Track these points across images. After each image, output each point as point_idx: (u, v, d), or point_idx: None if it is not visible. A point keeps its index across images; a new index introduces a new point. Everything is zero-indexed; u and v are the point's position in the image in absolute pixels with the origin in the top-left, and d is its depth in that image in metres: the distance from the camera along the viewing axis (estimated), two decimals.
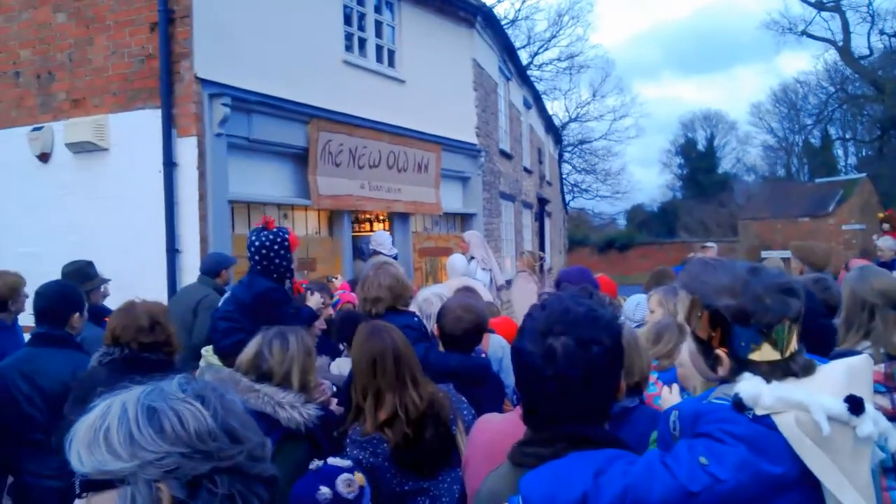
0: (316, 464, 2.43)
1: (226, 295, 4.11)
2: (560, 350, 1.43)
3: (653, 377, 3.37)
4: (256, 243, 3.94)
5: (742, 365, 1.46)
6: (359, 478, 2.35)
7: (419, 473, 2.59)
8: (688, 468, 1.31)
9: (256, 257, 3.94)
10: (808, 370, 1.45)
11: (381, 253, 7.50)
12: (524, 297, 9.22)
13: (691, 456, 1.33)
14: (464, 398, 2.94)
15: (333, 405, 3.16)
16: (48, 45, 7.40)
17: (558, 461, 1.38)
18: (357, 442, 2.60)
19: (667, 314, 4.09)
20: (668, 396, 2.56)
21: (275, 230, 4.01)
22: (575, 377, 1.42)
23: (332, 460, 2.42)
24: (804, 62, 76.05)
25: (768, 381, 1.40)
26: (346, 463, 2.39)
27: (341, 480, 2.30)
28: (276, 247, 3.94)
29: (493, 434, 2.01)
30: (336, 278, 6.11)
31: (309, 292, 4.38)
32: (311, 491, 2.29)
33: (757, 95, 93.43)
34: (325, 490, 2.27)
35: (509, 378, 3.81)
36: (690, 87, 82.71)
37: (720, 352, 1.48)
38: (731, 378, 1.47)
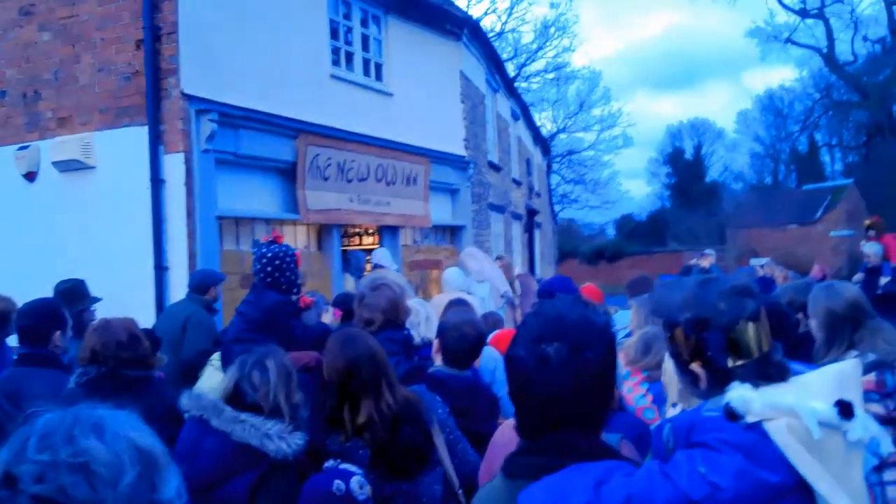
0: (332, 462, 2.48)
1: (232, 318, 4.09)
2: (553, 356, 1.41)
3: (642, 389, 3.36)
4: (269, 255, 3.95)
5: (719, 374, 1.49)
6: (367, 489, 2.40)
7: (398, 476, 2.59)
8: (688, 477, 1.30)
9: (268, 268, 3.93)
10: (782, 371, 1.48)
11: (383, 267, 7.49)
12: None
13: (690, 465, 1.32)
14: (437, 396, 2.94)
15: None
16: (34, 63, 7.38)
17: (557, 474, 1.36)
18: (334, 453, 2.59)
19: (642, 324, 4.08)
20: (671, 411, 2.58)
21: (283, 244, 4.06)
22: (568, 383, 1.41)
23: (344, 465, 2.45)
24: (781, 75, 77.45)
25: (755, 386, 1.40)
26: (358, 470, 2.44)
27: (355, 481, 2.35)
28: (287, 259, 3.96)
29: (514, 436, 2.01)
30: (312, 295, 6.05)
31: (324, 310, 4.40)
32: (327, 483, 2.35)
33: (735, 107, 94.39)
34: (340, 483, 2.33)
35: (501, 390, 3.80)
36: (666, 103, 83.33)
37: (694, 366, 1.53)
38: (715, 390, 1.49)
